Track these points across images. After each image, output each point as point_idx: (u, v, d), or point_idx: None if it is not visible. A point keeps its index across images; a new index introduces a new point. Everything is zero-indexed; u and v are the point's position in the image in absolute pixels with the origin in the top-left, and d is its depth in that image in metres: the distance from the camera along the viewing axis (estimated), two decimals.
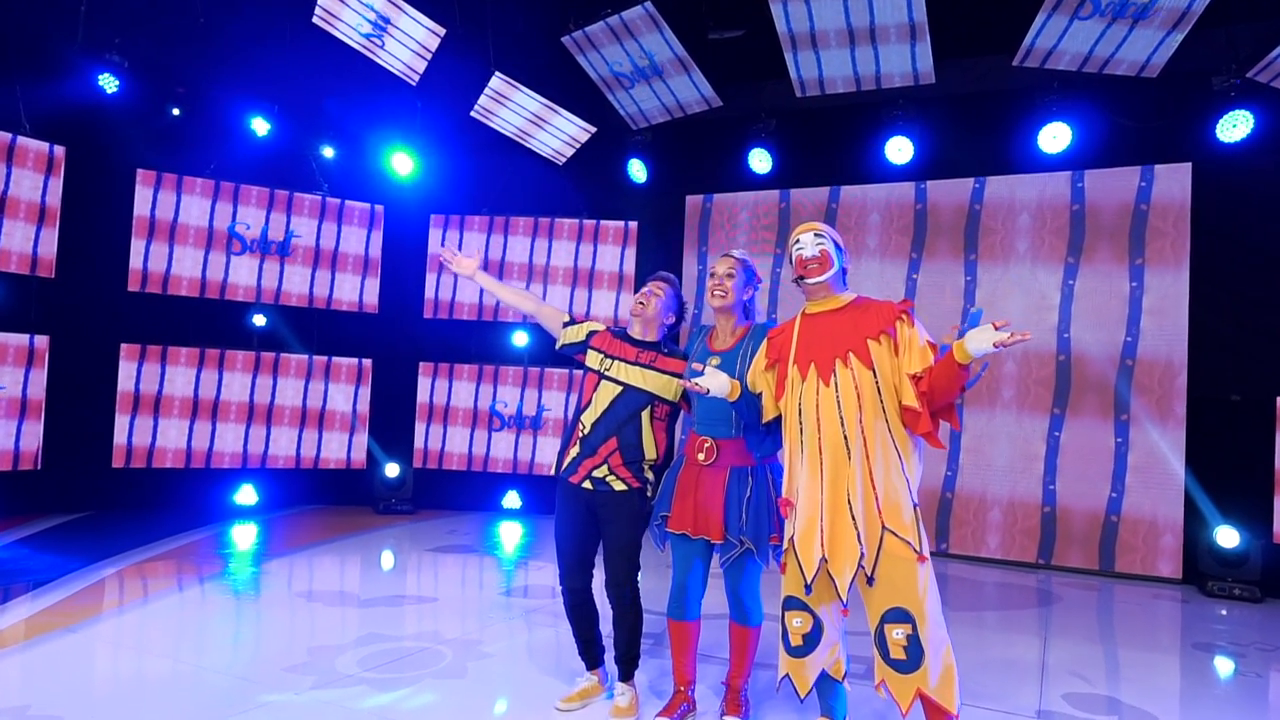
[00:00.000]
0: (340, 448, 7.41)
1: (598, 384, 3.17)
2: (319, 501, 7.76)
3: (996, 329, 2.30)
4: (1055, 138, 5.96)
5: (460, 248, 7.67)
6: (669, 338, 3.29)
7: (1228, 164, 5.72)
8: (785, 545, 2.70)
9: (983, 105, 6.40)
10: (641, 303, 3.19)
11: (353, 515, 7.35)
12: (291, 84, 7.21)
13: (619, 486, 3.10)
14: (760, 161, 6.92)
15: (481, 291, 7.64)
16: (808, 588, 2.60)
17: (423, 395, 7.66)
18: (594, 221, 7.61)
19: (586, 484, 3.13)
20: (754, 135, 6.89)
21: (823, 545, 2.56)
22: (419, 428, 7.64)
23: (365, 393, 7.48)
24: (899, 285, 6.70)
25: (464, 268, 3.47)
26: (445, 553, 6.19)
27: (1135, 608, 5.32)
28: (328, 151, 7.54)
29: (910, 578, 2.46)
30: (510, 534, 7.04)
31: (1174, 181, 5.93)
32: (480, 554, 6.21)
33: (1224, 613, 5.23)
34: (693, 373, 2.80)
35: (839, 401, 2.57)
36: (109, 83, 6.25)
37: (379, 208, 7.59)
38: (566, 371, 7.60)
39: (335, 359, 7.42)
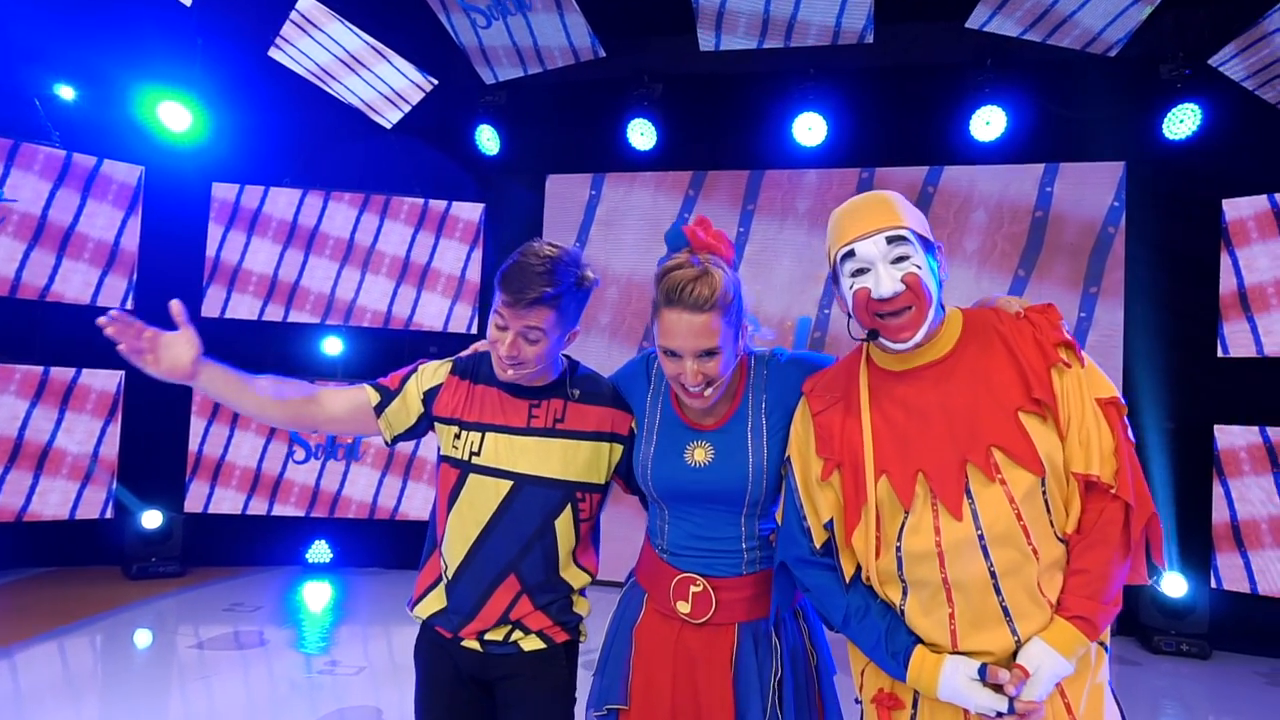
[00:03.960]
0: (65, 495, 5.40)
1: (459, 484, 1.76)
2: (42, 563, 5.70)
3: (995, 685, 1.34)
4: (989, 124, 5.13)
5: (255, 223, 5.93)
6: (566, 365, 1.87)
7: (1169, 163, 5.10)
8: None
9: (911, 80, 5.44)
10: (512, 358, 1.68)
11: (91, 584, 5.40)
12: None
13: (531, 645, 1.75)
14: (642, 135, 5.68)
15: (275, 280, 5.95)
16: None
17: (198, 418, 5.84)
18: (442, 204, 6.09)
19: (471, 643, 1.75)
20: (636, 102, 5.63)
21: None
22: (192, 456, 5.82)
23: (114, 426, 5.53)
24: (823, 265, 5.50)
25: (177, 365, 1.66)
26: (223, 648, 4.43)
27: None
28: (65, 92, 5.59)
29: None
30: (317, 598, 5.42)
31: (1133, 200, 5.21)
32: (277, 646, 4.52)
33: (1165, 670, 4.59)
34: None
35: (986, 548, 1.37)
36: None
37: (137, 170, 5.68)
38: None
39: (70, 373, 5.45)
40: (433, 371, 1.86)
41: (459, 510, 1.75)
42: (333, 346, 6.11)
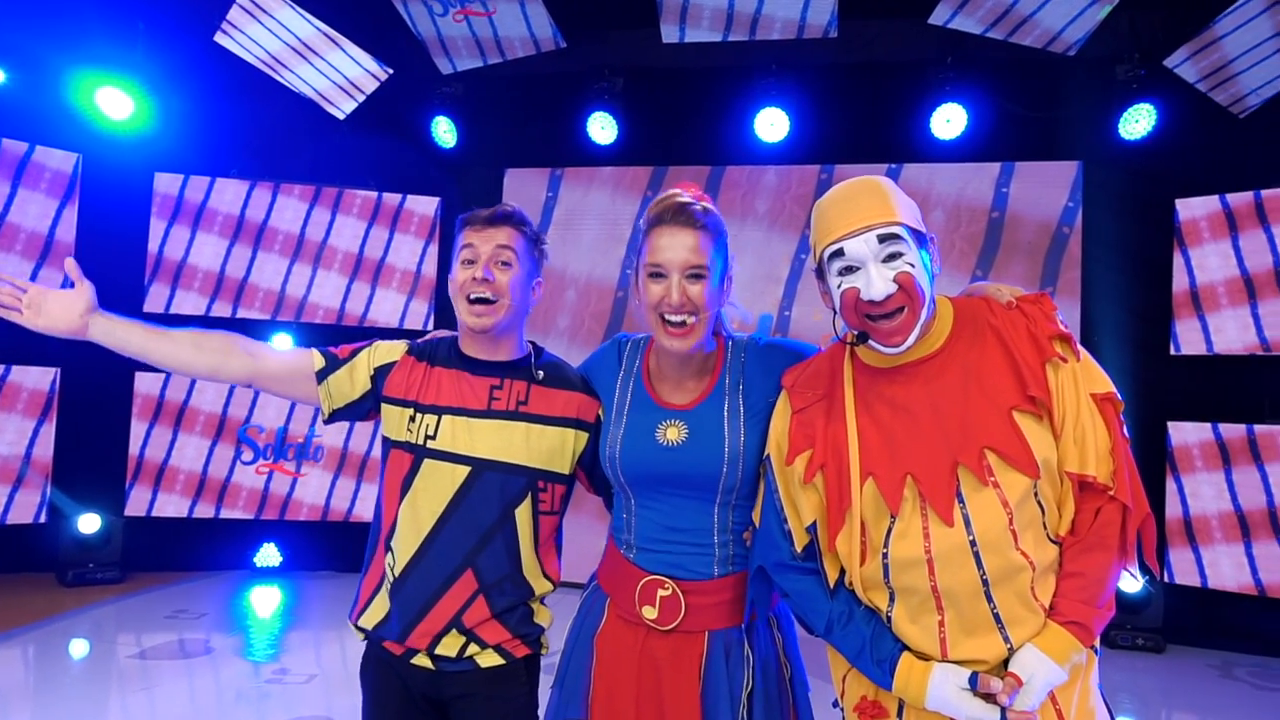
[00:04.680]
0: None
1: (413, 470, 1.64)
2: None
3: (985, 695, 1.27)
4: (949, 121, 5.13)
5: (200, 216, 5.70)
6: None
7: (1124, 163, 5.15)
8: None
9: (873, 76, 5.41)
10: (484, 282, 1.61)
11: (23, 592, 5.12)
12: None
13: (488, 661, 1.63)
14: (603, 129, 5.58)
15: (221, 276, 5.74)
16: None
17: (140, 417, 5.60)
18: (396, 198, 5.92)
19: (421, 660, 1.62)
20: (596, 96, 5.53)
21: None
22: (133, 460, 5.57)
23: (48, 426, 5.25)
24: (783, 265, 5.51)
25: (60, 319, 1.62)
26: (166, 657, 4.21)
27: None
28: None
29: None
30: (266, 604, 5.23)
31: (1089, 199, 5.25)
32: (224, 653, 4.32)
33: (1120, 664, 4.65)
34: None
35: (978, 554, 1.29)
36: None
37: (73, 157, 5.41)
38: None
39: (13, 371, 5.12)
40: (387, 349, 1.76)
41: (412, 499, 1.62)
42: (283, 344, 5.91)
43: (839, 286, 1.37)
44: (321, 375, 1.72)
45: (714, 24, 4.66)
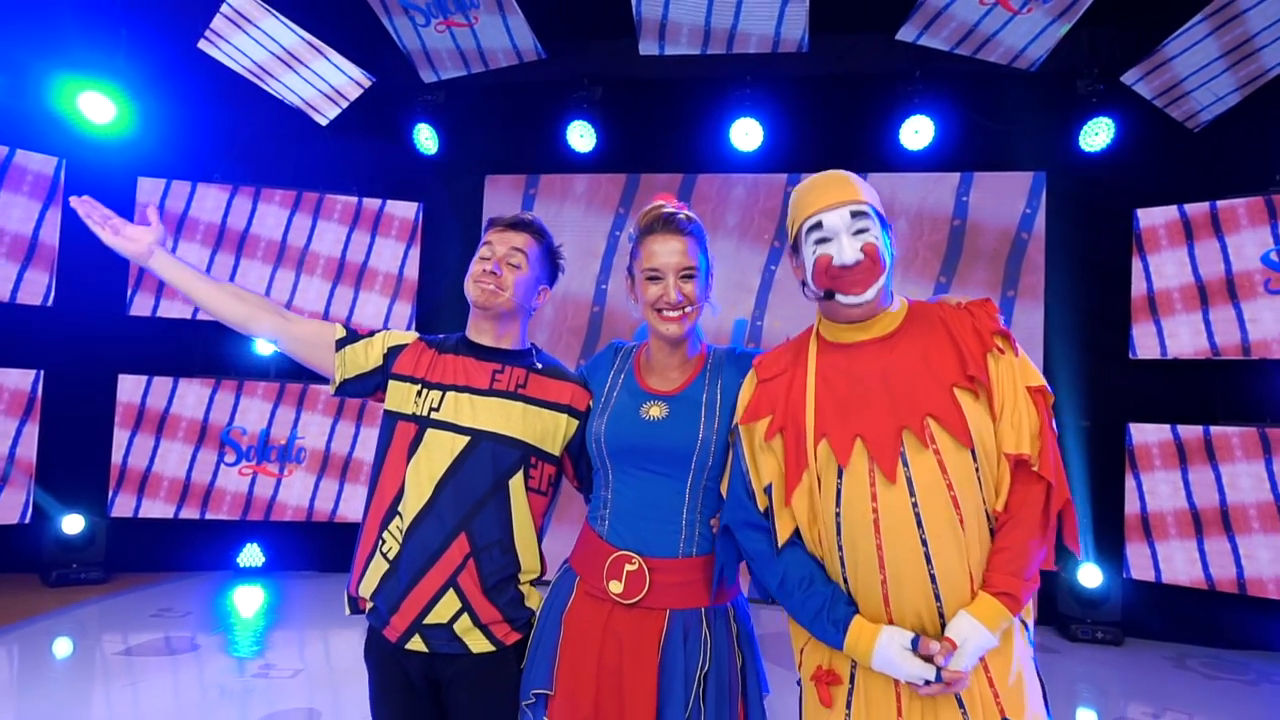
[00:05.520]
0: None
1: (417, 439, 1.79)
2: None
3: (925, 656, 1.42)
4: (917, 133, 5.31)
5: (182, 226, 5.76)
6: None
7: (1085, 174, 5.35)
8: None
9: (843, 88, 5.58)
10: (492, 274, 1.82)
11: (6, 592, 5.17)
12: None
13: (480, 646, 1.75)
14: (581, 137, 5.71)
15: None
16: None
17: (123, 419, 5.65)
18: (376, 203, 6.01)
19: (416, 643, 1.75)
20: (575, 105, 5.65)
21: None
22: (116, 462, 5.62)
23: (31, 426, 5.28)
24: (754, 275, 5.70)
25: (131, 241, 1.85)
26: (152, 654, 4.29)
27: None
28: None
29: None
30: (250, 603, 5.29)
31: (1052, 209, 5.44)
32: (209, 650, 4.41)
33: (1081, 656, 4.84)
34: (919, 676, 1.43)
35: (918, 512, 1.44)
36: None
37: (55, 162, 5.45)
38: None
39: None
40: (401, 334, 1.96)
41: (416, 464, 1.77)
42: (265, 346, 5.97)
43: (814, 253, 1.57)
44: (340, 345, 1.90)
45: (691, 40, 4.80)
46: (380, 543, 1.78)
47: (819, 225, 1.56)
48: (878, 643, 1.44)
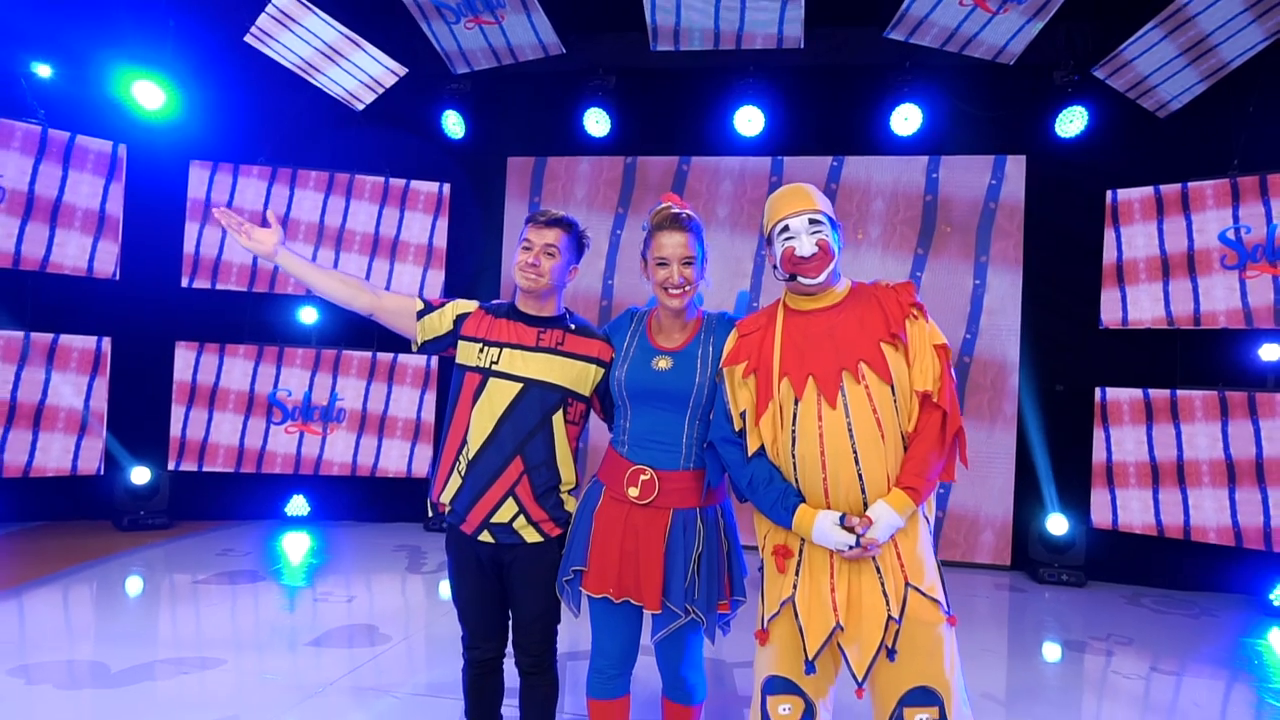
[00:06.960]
0: (64, 450, 5.77)
1: (481, 386, 2.33)
2: (37, 517, 6.09)
3: (849, 528, 1.95)
4: (907, 119, 5.77)
5: (231, 202, 6.28)
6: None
7: (1062, 158, 5.80)
8: (775, 609, 2.06)
9: (839, 79, 6.07)
10: (533, 265, 2.32)
11: (86, 535, 5.81)
12: None
13: (532, 537, 2.33)
14: (597, 123, 6.19)
15: (254, 268, 6.32)
16: (809, 665, 1.99)
17: (181, 381, 6.23)
18: (403, 181, 6.52)
19: (485, 536, 2.32)
20: (591, 93, 6.13)
21: (836, 609, 1.97)
22: (176, 420, 6.21)
23: (101, 382, 5.88)
24: (747, 262, 6.27)
25: (260, 243, 2.36)
26: (221, 583, 4.93)
27: (969, 595, 5.35)
28: (42, 70, 5.82)
29: (938, 648, 1.96)
30: (298, 547, 5.90)
31: (1018, 182, 5.93)
32: (269, 579, 5.05)
33: (1047, 596, 5.42)
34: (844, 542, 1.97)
35: (851, 428, 1.97)
36: None
37: (120, 148, 5.97)
38: (369, 355, 6.49)
39: (61, 338, 5.77)
40: (466, 304, 2.48)
41: (480, 407, 2.32)
42: (308, 315, 6.52)
43: (782, 247, 2.11)
44: (420, 314, 2.44)
45: (704, 41, 5.28)
46: (456, 464, 2.35)
47: (786, 228, 2.10)
48: (816, 521, 1.99)
